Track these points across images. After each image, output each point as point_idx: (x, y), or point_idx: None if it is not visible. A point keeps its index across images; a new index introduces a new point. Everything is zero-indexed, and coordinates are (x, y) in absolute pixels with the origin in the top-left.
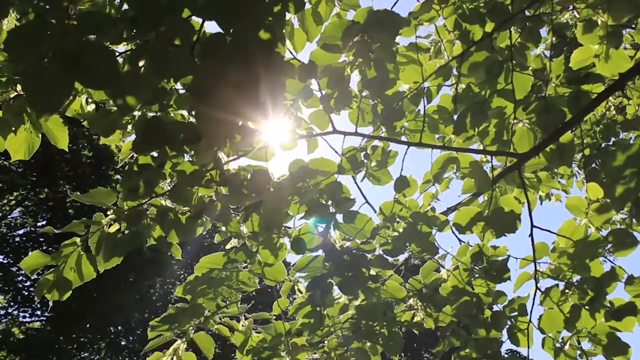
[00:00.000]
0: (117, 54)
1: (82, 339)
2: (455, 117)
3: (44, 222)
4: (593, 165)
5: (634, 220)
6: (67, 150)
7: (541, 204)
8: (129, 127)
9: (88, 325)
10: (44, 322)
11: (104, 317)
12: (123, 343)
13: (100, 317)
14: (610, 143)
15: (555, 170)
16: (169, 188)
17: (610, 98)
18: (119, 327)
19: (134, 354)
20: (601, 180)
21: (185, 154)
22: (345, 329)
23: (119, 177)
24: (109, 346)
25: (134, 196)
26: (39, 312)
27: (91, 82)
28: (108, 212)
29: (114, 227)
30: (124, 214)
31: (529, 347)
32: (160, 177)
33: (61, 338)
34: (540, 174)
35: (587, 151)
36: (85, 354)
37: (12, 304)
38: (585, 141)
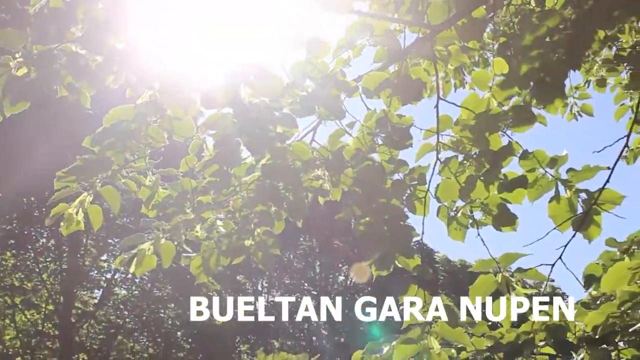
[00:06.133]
0: None
1: None
2: None
3: None
4: (507, 53)
5: (533, 99)
6: None
7: (455, 91)
8: None
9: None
10: None
11: (15, 187)
12: (36, 214)
13: (11, 188)
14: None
15: (466, 44)
16: (81, 34)
17: None
18: (32, 198)
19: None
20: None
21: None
22: (251, 190)
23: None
24: (20, 218)
25: (44, 40)
26: None
27: None
28: (16, 55)
29: (22, 71)
30: (33, 57)
31: (424, 215)
32: (71, 23)
33: None
34: (451, 47)
35: (502, 40)
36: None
37: None
38: (502, 28)
